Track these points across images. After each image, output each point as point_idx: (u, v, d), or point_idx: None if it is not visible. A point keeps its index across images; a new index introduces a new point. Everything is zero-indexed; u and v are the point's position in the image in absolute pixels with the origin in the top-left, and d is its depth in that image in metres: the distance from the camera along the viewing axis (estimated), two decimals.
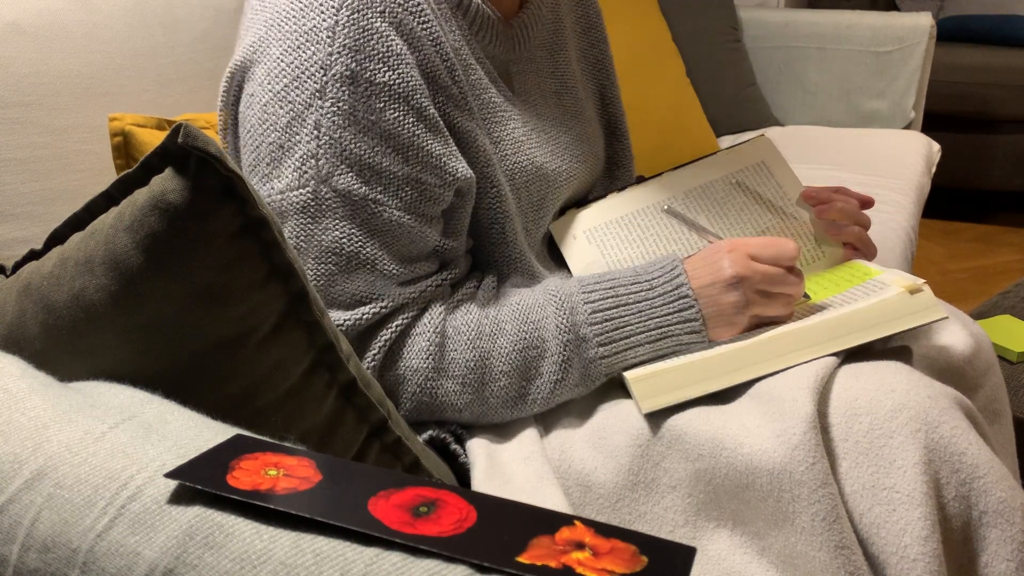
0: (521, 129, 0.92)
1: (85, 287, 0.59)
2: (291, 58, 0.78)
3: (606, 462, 0.79)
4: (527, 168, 0.91)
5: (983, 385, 0.90)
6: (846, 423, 0.75)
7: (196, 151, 0.57)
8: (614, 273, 0.86)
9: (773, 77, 2.45)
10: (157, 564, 0.44)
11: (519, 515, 0.46)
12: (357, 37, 0.77)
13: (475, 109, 0.87)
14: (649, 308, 0.83)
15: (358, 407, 0.71)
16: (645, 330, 0.83)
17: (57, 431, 0.50)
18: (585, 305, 0.83)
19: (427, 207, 0.82)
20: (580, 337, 0.82)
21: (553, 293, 0.84)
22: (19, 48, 1.01)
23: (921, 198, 1.98)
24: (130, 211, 0.58)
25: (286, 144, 0.78)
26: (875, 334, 0.80)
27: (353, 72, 0.77)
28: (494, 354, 0.82)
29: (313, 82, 0.77)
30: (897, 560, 0.71)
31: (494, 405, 0.83)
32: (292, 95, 0.78)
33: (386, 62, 0.78)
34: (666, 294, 0.83)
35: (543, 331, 0.83)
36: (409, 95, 0.79)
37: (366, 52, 0.77)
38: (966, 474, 0.73)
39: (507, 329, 0.83)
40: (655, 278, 0.85)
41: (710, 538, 0.77)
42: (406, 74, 0.79)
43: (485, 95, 0.89)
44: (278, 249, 0.63)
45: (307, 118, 0.77)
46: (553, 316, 0.83)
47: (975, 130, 3.15)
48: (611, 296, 0.84)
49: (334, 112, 0.77)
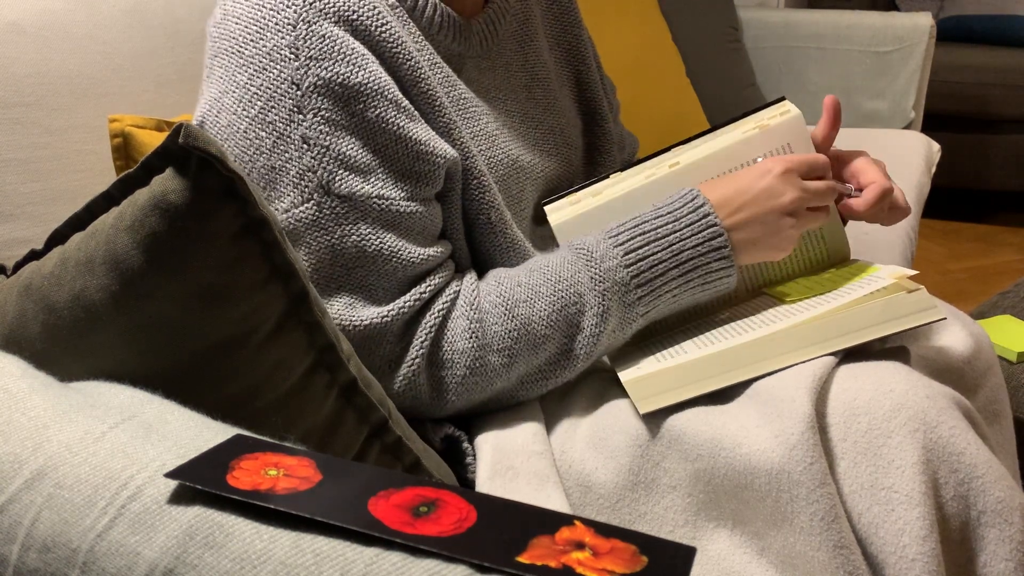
0: (493, 124, 0.93)
1: (86, 287, 0.59)
2: (259, 81, 0.79)
3: (606, 462, 0.79)
4: (503, 161, 0.92)
5: (983, 385, 0.90)
6: (844, 423, 0.75)
7: (197, 151, 0.57)
8: (633, 214, 0.87)
9: (773, 77, 2.45)
10: (157, 564, 0.44)
11: (519, 515, 0.46)
12: (319, 47, 0.78)
13: (448, 104, 0.87)
14: (679, 240, 0.84)
15: (358, 407, 0.71)
16: (677, 263, 0.84)
17: (57, 431, 0.51)
18: (616, 248, 0.84)
19: (427, 191, 0.83)
20: (617, 283, 0.83)
21: (579, 247, 0.85)
22: (19, 48, 1.01)
23: (921, 198, 1.99)
24: (131, 211, 0.58)
25: (277, 165, 0.79)
26: (873, 334, 0.80)
27: (325, 81, 0.78)
28: (534, 319, 0.83)
29: (289, 100, 0.78)
30: (896, 560, 0.71)
31: (542, 368, 0.84)
32: (270, 116, 0.78)
33: (354, 64, 0.79)
34: (694, 223, 0.85)
35: (578, 286, 0.83)
36: (383, 90, 0.80)
37: (332, 58, 0.78)
38: (964, 474, 0.73)
39: (542, 292, 0.83)
40: (677, 208, 0.86)
41: (710, 538, 0.77)
42: (374, 72, 0.80)
43: (454, 92, 0.90)
44: (279, 249, 0.63)
45: (292, 135, 0.78)
46: (585, 269, 0.84)
47: (975, 130, 3.15)
48: (639, 234, 0.84)
49: (318, 122, 0.78)
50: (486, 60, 0.95)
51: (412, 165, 0.81)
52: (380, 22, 0.81)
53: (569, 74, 1.09)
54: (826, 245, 0.95)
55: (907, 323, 0.80)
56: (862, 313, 0.80)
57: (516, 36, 1.00)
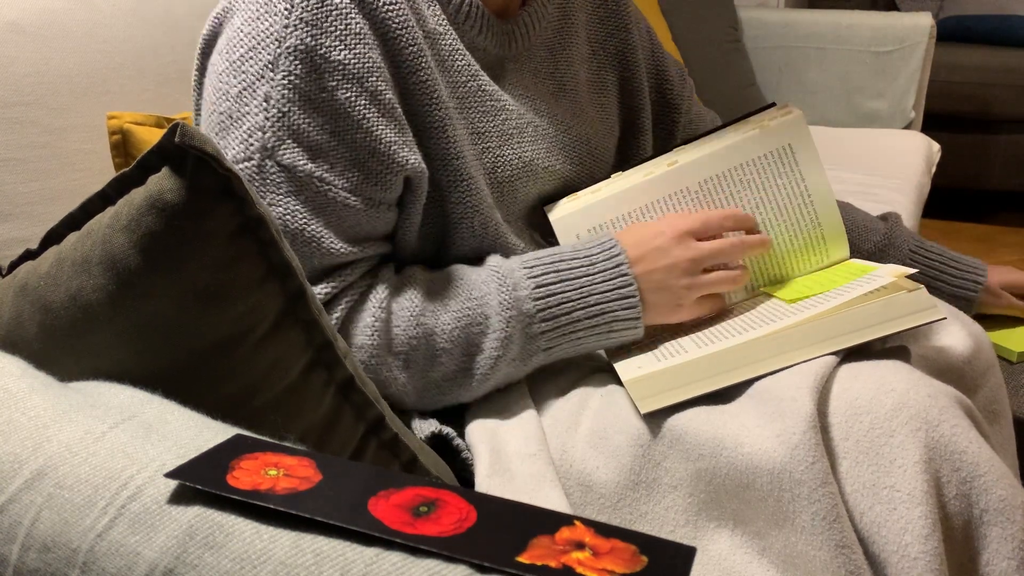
0: (513, 123, 0.91)
1: (82, 287, 0.59)
2: (249, 28, 0.78)
3: (607, 462, 0.79)
4: (512, 162, 0.91)
5: (983, 385, 0.90)
6: (846, 422, 0.75)
7: (193, 150, 0.57)
8: (554, 249, 0.87)
9: (773, 77, 2.45)
10: (157, 564, 0.44)
11: (519, 515, 0.46)
12: (315, 12, 0.77)
13: (452, 97, 0.86)
14: (590, 284, 0.84)
15: (355, 404, 0.71)
16: (585, 305, 0.84)
17: (57, 431, 0.50)
18: (528, 280, 0.83)
19: (375, 191, 0.81)
20: (523, 312, 0.83)
21: (496, 269, 0.84)
22: (19, 48, 1.00)
23: (921, 198, 1.99)
24: (127, 211, 0.58)
25: (235, 114, 0.78)
26: (873, 334, 0.80)
27: (308, 47, 0.76)
28: (437, 331, 0.82)
29: (267, 53, 0.77)
30: (898, 559, 0.71)
31: (436, 381, 0.83)
32: (246, 65, 0.77)
33: (343, 40, 0.77)
34: (606, 271, 0.85)
35: (486, 307, 0.83)
36: (364, 76, 0.78)
37: (323, 28, 0.77)
38: (967, 472, 0.73)
39: (451, 306, 0.83)
40: (595, 254, 0.85)
41: (711, 538, 0.77)
42: (363, 55, 0.78)
43: (473, 83, 0.88)
44: (276, 248, 0.63)
45: (258, 89, 0.77)
46: (496, 292, 0.83)
47: (975, 130, 3.15)
48: (553, 271, 0.84)
49: (284, 86, 0.77)
50: (516, 62, 0.94)
51: (366, 160, 0.80)
52: (389, 2, 0.80)
53: (613, 79, 1.07)
54: (825, 245, 0.95)
55: (907, 323, 0.80)
56: (862, 313, 0.80)
57: (549, 43, 0.99)
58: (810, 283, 0.91)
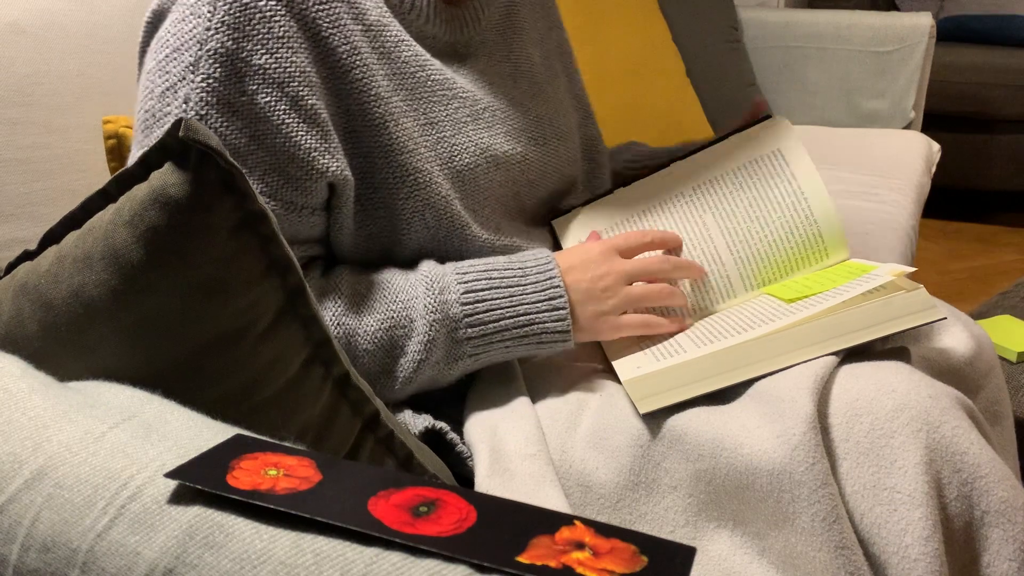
0: (468, 110, 0.90)
1: (84, 283, 0.59)
2: (175, 29, 0.78)
3: (607, 462, 0.79)
4: (469, 149, 0.90)
5: (984, 387, 0.90)
6: (847, 423, 0.74)
7: (197, 144, 0.57)
8: (489, 257, 0.87)
9: (773, 77, 2.45)
10: (157, 564, 0.44)
11: (519, 515, 0.46)
12: (238, 15, 0.76)
13: (400, 90, 0.85)
14: (521, 294, 0.84)
15: (352, 401, 0.71)
16: (514, 315, 0.84)
17: (57, 431, 0.50)
18: (458, 285, 0.83)
19: (295, 196, 0.81)
20: (450, 317, 0.82)
21: (426, 273, 0.84)
22: (19, 48, 1.01)
23: (921, 198, 1.99)
24: (129, 206, 0.58)
25: (158, 113, 0.78)
26: (873, 334, 0.80)
27: (228, 50, 0.76)
28: (359, 332, 0.82)
29: (189, 55, 0.76)
30: (898, 560, 0.71)
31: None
32: (170, 66, 0.77)
33: (265, 44, 0.77)
34: (538, 282, 0.85)
35: (411, 311, 0.82)
36: (285, 82, 0.78)
37: (245, 32, 0.76)
38: (968, 474, 0.73)
39: (375, 307, 0.83)
40: (528, 265, 0.86)
41: (711, 538, 0.77)
42: (286, 59, 0.78)
43: (422, 73, 0.87)
44: (276, 243, 0.63)
45: (179, 90, 0.77)
46: (423, 296, 0.83)
47: (975, 130, 3.15)
48: (484, 278, 0.84)
49: (203, 88, 0.76)
50: (469, 47, 0.94)
51: (286, 165, 0.79)
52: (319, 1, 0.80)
53: (560, 68, 1.08)
54: (823, 244, 0.95)
55: (907, 323, 0.80)
56: (861, 313, 0.80)
57: (500, 27, 0.99)
58: (809, 283, 0.91)
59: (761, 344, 0.80)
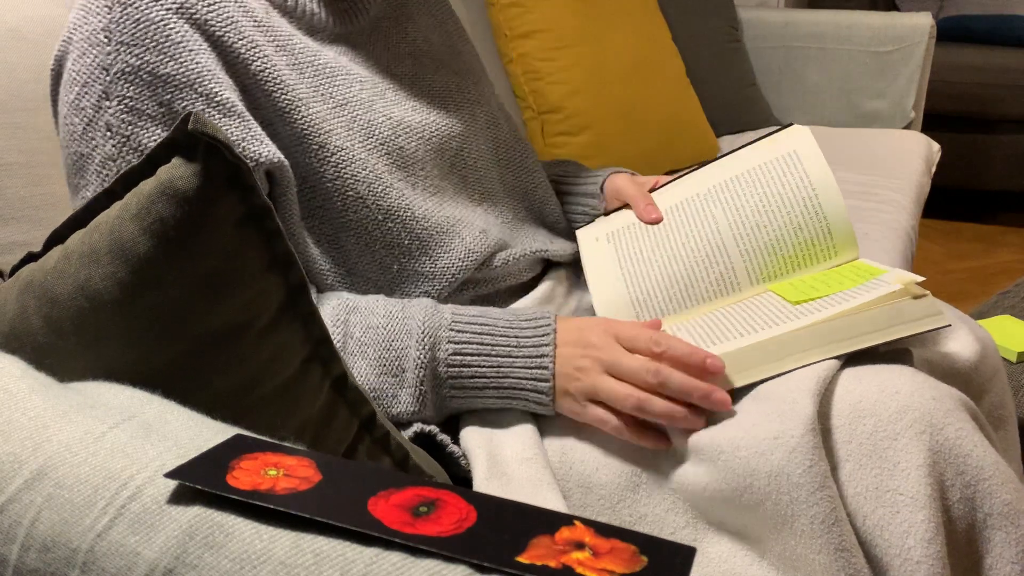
0: (372, 89, 0.91)
1: (90, 277, 0.59)
2: (78, 67, 0.79)
3: (607, 463, 0.79)
4: (385, 123, 0.90)
5: (989, 390, 0.89)
6: (850, 425, 0.74)
7: (205, 137, 0.57)
8: (490, 315, 0.85)
9: (773, 77, 2.45)
10: (157, 564, 0.44)
11: (519, 515, 0.46)
12: (133, 31, 0.77)
13: (302, 78, 0.86)
14: (509, 366, 0.83)
15: (349, 401, 0.71)
16: (498, 386, 0.83)
17: (57, 431, 0.51)
18: (448, 344, 0.83)
19: None
20: (436, 374, 0.83)
21: (420, 323, 0.84)
22: (20, 54, 1.01)
23: (921, 198, 1.99)
24: (136, 200, 0.58)
25: (85, 152, 0.79)
26: (878, 339, 0.80)
27: (134, 68, 0.77)
28: (354, 370, 0.83)
29: (99, 86, 0.77)
30: (900, 563, 0.70)
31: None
32: (83, 102, 0.78)
33: (166, 52, 0.78)
34: (528, 358, 0.83)
35: (404, 361, 0.83)
36: (195, 82, 0.78)
37: (144, 45, 0.77)
38: (971, 476, 0.73)
39: (369, 353, 0.83)
40: (525, 334, 0.84)
41: (711, 540, 0.77)
42: (191, 61, 0.78)
43: (319, 61, 0.88)
44: (279, 239, 0.63)
45: (99, 122, 0.78)
46: (415, 348, 0.83)
47: (975, 130, 3.15)
48: (476, 342, 0.83)
49: (122, 110, 0.77)
50: (362, 35, 0.95)
51: None
52: (208, 4, 0.80)
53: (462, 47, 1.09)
54: (833, 242, 0.94)
55: (912, 328, 0.80)
56: (867, 318, 0.80)
57: (392, 15, 1.00)
58: (816, 284, 0.91)
59: (764, 348, 0.80)
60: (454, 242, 0.91)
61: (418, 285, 0.90)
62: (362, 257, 0.89)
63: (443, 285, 0.91)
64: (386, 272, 0.89)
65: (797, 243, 0.94)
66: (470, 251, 0.92)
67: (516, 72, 1.86)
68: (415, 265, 0.90)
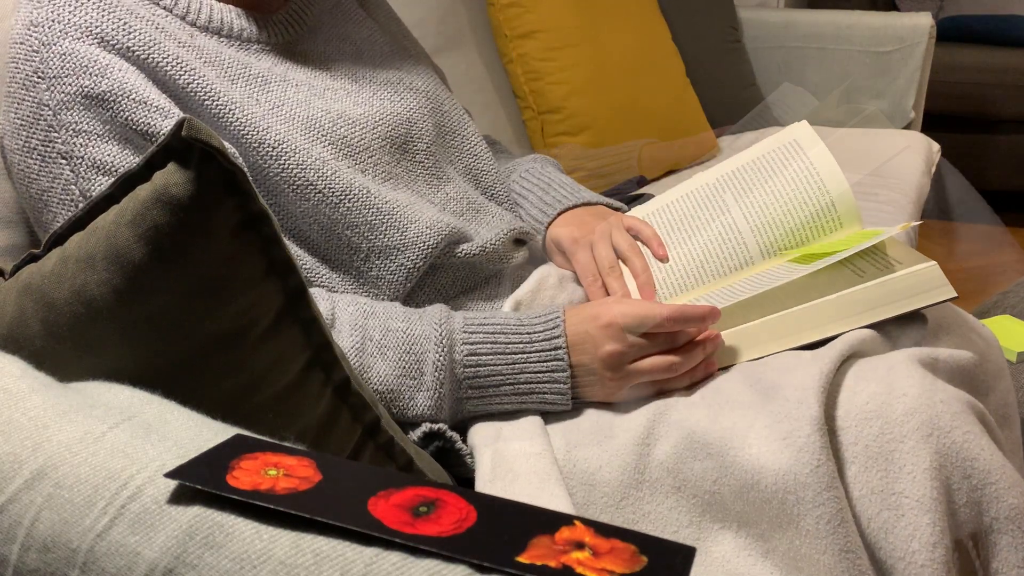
0: (311, 91, 0.93)
1: (86, 283, 0.59)
2: (19, 111, 0.81)
3: (611, 461, 0.79)
4: (323, 116, 0.91)
5: (994, 389, 0.89)
6: (856, 426, 0.74)
7: (199, 143, 0.57)
8: (500, 316, 0.87)
9: (773, 77, 2.45)
10: (157, 564, 0.44)
11: (519, 515, 0.46)
12: (60, 65, 0.80)
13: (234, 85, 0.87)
14: (524, 362, 0.84)
15: (352, 407, 0.71)
16: (515, 382, 0.84)
17: (57, 431, 0.50)
18: (463, 346, 0.84)
19: None
20: (454, 376, 0.84)
21: (437, 326, 0.85)
22: None
23: (921, 198, 1.99)
24: (132, 206, 0.58)
25: (45, 186, 0.81)
26: (886, 313, 0.83)
27: (71, 95, 0.80)
28: (373, 372, 0.83)
29: (43, 122, 0.80)
30: (904, 566, 0.70)
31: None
32: (32, 142, 0.81)
33: (97, 73, 0.80)
34: (543, 351, 0.84)
35: (423, 364, 0.84)
36: (129, 92, 0.81)
37: (75, 72, 0.80)
38: (977, 480, 0.72)
39: (389, 355, 0.84)
40: (536, 331, 0.85)
41: (714, 539, 0.77)
42: (122, 78, 0.81)
43: (250, 72, 0.89)
44: (277, 245, 0.63)
45: (52, 154, 0.81)
46: (434, 352, 0.84)
47: (975, 130, 3.15)
48: (489, 342, 0.85)
49: (72, 136, 0.80)
50: (302, 44, 0.96)
51: None
52: (127, 31, 0.82)
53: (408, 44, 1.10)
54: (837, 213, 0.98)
55: (919, 301, 0.83)
56: (874, 292, 0.83)
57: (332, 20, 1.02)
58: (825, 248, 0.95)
59: (770, 325, 0.82)
60: (422, 212, 0.92)
61: (394, 259, 0.90)
62: (329, 242, 0.90)
63: (419, 255, 0.91)
64: (357, 252, 0.90)
65: (803, 216, 0.98)
66: (438, 219, 0.93)
67: (516, 72, 1.86)
68: (384, 240, 0.90)
